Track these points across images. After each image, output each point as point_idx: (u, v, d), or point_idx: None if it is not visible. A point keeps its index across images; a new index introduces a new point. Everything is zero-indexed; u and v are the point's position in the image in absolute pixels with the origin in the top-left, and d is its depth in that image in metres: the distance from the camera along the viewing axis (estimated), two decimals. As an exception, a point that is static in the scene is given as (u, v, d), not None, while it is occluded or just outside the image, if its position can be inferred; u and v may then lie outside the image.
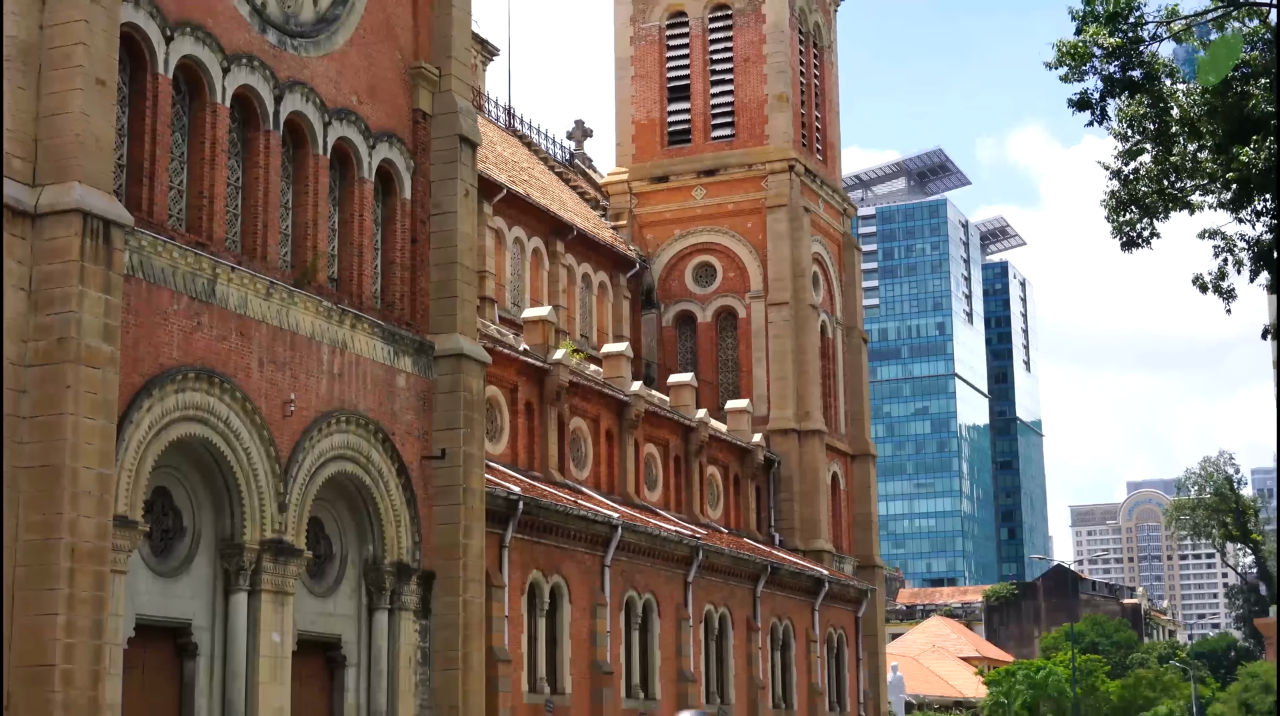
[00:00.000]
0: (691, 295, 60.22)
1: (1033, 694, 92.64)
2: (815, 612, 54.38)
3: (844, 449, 61.66)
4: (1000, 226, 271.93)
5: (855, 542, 62.01)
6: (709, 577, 47.67)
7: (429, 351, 33.77)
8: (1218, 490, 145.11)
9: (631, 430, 48.32)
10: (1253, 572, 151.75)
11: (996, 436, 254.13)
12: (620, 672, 42.80)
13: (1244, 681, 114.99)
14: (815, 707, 53.82)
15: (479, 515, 34.29)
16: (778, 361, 58.19)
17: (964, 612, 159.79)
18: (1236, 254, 36.77)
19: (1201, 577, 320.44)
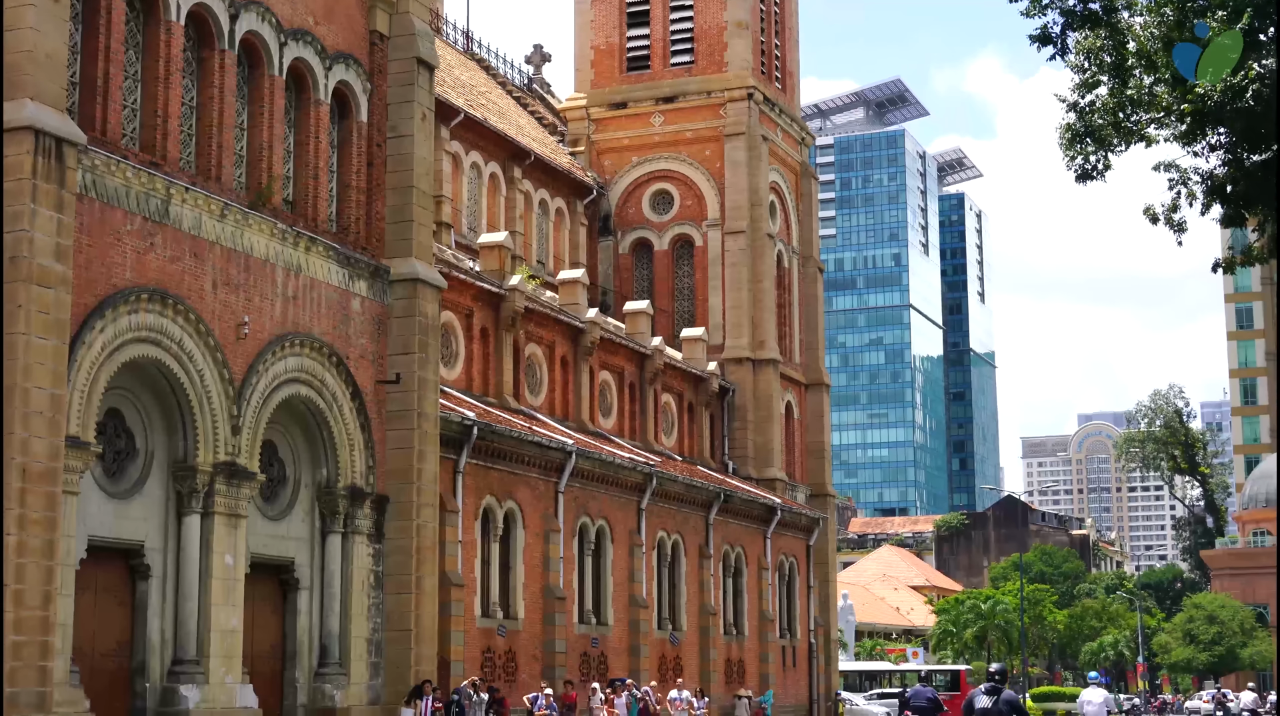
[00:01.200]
0: (649, 223, 60.11)
1: (981, 623, 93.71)
2: (767, 540, 54.73)
3: (798, 378, 61.86)
4: (957, 158, 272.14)
5: (808, 471, 62.34)
6: (662, 504, 47.89)
7: (384, 275, 33.65)
8: (1167, 423, 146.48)
9: (587, 357, 48.35)
10: (1200, 505, 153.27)
11: (950, 367, 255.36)
12: (573, 598, 43.03)
13: (1189, 612, 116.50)
14: (765, 634, 54.26)
15: (433, 440, 34.30)
16: (734, 290, 58.24)
17: (915, 542, 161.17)
18: (1190, 187, 36.98)
19: (1149, 509, 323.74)
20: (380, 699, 32.30)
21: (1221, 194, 36.44)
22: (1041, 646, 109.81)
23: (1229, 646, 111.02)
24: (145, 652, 27.61)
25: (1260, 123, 32.86)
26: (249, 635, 29.50)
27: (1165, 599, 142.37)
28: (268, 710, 29.88)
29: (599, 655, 44.08)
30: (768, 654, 54.14)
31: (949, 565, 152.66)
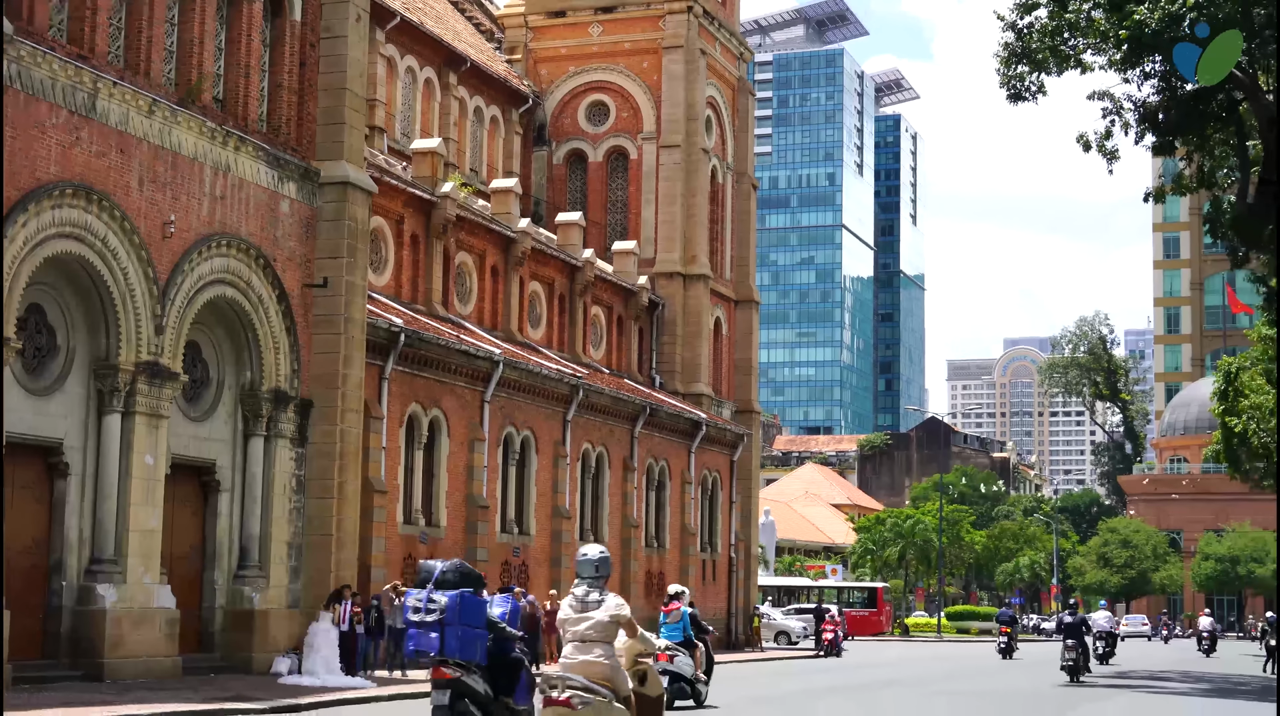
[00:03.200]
0: (584, 134, 59.77)
1: (900, 542, 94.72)
2: (691, 455, 54.99)
3: (728, 294, 61.94)
4: (895, 79, 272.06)
5: (735, 388, 62.58)
6: (588, 416, 47.96)
7: (314, 178, 33.30)
8: (1091, 350, 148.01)
9: (517, 267, 48.17)
10: (1119, 431, 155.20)
11: (879, 289, 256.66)
12: (496, 507, 43.11)
13: (1104, 536, 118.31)
14: (687, 547, 54.64)
15: (359, 345, 34.13)
16: (667, 204, 58.10)
17: (838, 461, 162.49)
18: (1124, 116, 37.22)
19: (1070, 434, 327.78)
20: (299, 602, 32.30)
21: (1154, 123, 36.76)
22: (959, 566, 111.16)
23: (1141, 570, 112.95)
24: (63, 550, 27.43)
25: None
26: (168, 536, 29.36)
27: (1081, 522, 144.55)
28: (186, 611, 29.81)
29: (520, 564, 44.27)
30: (688, 567, 54.54)
31: (871, 484, 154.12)
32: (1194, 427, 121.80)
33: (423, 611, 15.53)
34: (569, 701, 12.39)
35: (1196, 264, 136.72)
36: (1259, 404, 55.16)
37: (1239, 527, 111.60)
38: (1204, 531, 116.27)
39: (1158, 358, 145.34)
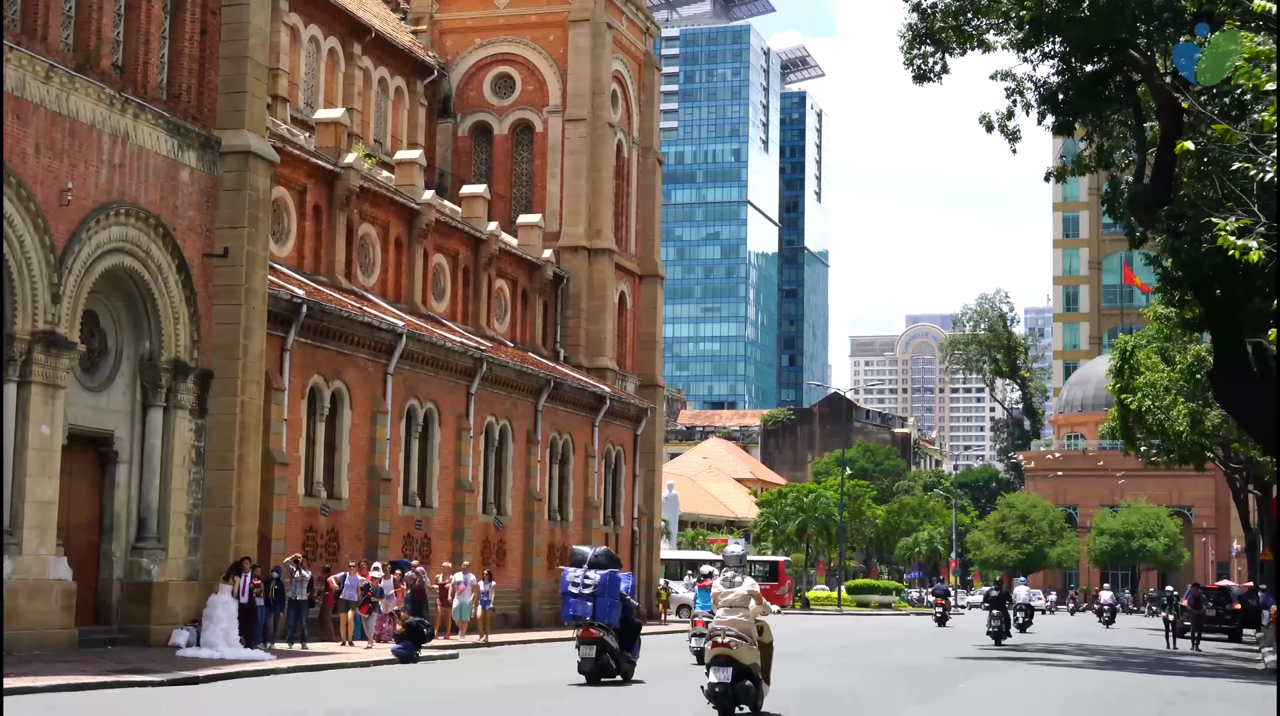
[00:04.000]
0: (489, 106, 59.53)
1: (802, 516, 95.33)
2: (595, 428, 55.07)
3: (633, 269, 62.01)
4: (801, 56, 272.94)
5: (639, 362, 62.71)
6: (492, 390, 47.89)
7: (215, 146, 32.96)
8: (991, 327, 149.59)
9: (421, 239, 47.95)
10: (1018, 408, 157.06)
11: (784, 264, 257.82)
12: (398, 480, 42.96)
13: (1002, 511, 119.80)
14: (590, 521, 54.75)
15: (261, 316, 33.86)
16: (572, 178, 58.05)
17: (742, 435, 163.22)
18: (1025, 96, 37.63)
19: (970, 411, 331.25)
20: (198, 574, 32.05)
21: (1054, 103, 37.19)
22: (859, 540, 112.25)
23: (1038, 545, 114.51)
24: (-44, 522, 27.05)
25: (1094, 34, 33.47)
26: (65, 507, 29.02)
27: (980, 498, 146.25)
28: (83, 582, 29.52)
29: (423, 537, 44.17)
30: (591, 540, 54.61)
31: (774, 459, 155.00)
32: (1091, 405, 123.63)
33: (580, 585, 23.49)
34: (729, 644, 18.78)
35: (1095, 243, 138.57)
36: (1154, 381, 56.09)
37: (1133, 503, 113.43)
38: (1099, 507, 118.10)
39: (1056, 335, 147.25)
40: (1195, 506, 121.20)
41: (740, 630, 18.91)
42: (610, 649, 23.72)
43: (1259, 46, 14.97)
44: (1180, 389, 54.92)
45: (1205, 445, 58.39)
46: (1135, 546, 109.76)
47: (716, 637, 18.85)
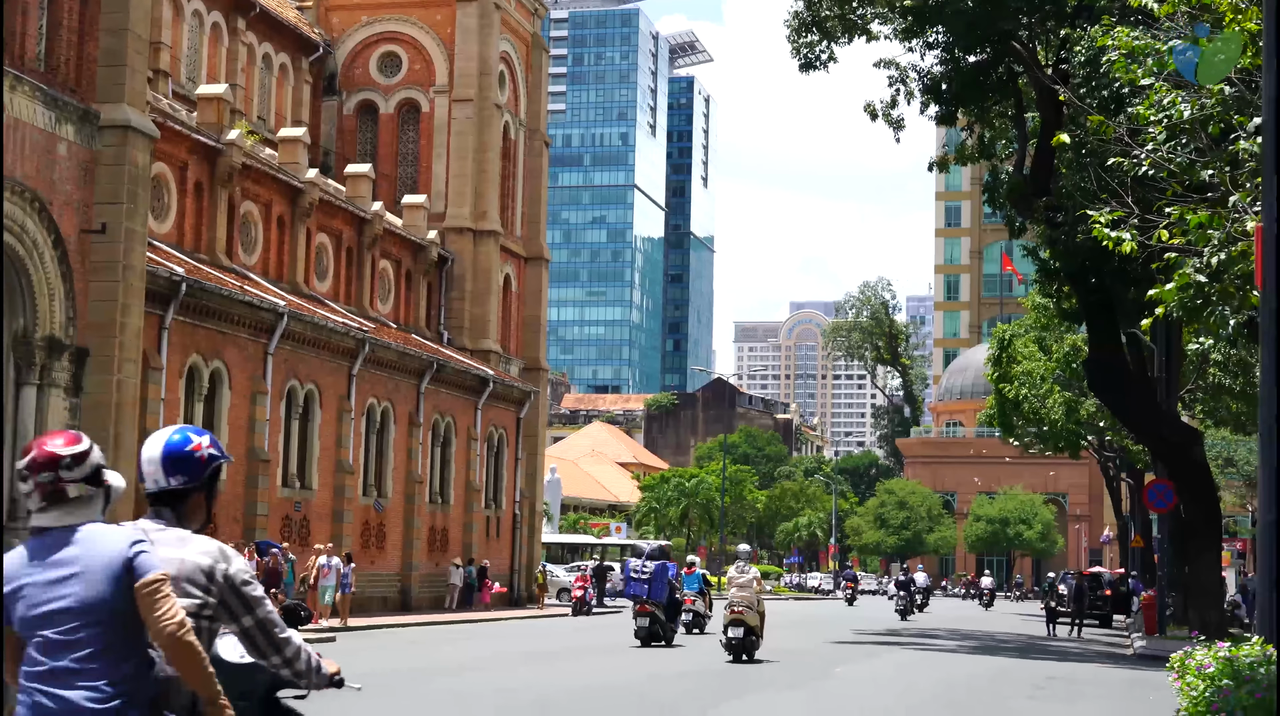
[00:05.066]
0: (375, 85, 59.07)
1: (684, 501, 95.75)
2: (478, 411, 54.92)
3: (518, 251, 61.86)
4: (689, 41, 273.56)
5: (523, 345, 62.60)
6: (374, 371, 47.60)
7: (94, 120, 32.43)
8: (874, 314, 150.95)
9: (304, 218, 47.51)
10: (898, 395, 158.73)
11: (669, 249, 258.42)
12: (277, 461, 42.60)
13: (881, 497, 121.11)
14: (471, 503, 54.61)
15: (138, 294, 33.40)
16: (458, 159, 57.76)
17: (625, 420, 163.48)
18: (908, 85, 38.01)
19: (852, 397, 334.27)
20: (72, 555, 31.53)
21: (937, 93, 37.60)
22: (741, 525, 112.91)
23: (916, 531, 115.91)
24: None
25: (976, 24, 33.88)
26: (-66, 485, 28.49)
27: (860, 483, 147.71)
28: (-48, 563, 28.95)
29: (302, 518, 43.84)
30: (472, 523, 54.53)
31: (657, 443, 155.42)
32: (969, 392, 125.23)
33: (640, 573, 31.83)
34: (741, 612, 27.49)
35: (976, 233, 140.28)
36: (1031, 370, 56.94)
37: (1010, 491, 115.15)
38: (977, 493, 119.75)
39: (937, 323, 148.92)
40: (1069, 493, 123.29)
41: (748, 602, 27.60)
42: (660, 621, 32.08)
43: (1135, 42, 15.23)
44: (1056, 378, 55.83)
45: (1080, 433, 59.39)
46: (1011, 533, 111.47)
47: (734, 606, 27.55)
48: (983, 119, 41.09)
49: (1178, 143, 14.86)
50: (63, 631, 5.03)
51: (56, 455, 5.22)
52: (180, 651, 5.01)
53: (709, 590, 39.04)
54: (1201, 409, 55.06)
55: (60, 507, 5.27)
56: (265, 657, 5.47)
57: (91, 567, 5.11)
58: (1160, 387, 41.37)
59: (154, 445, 5.55)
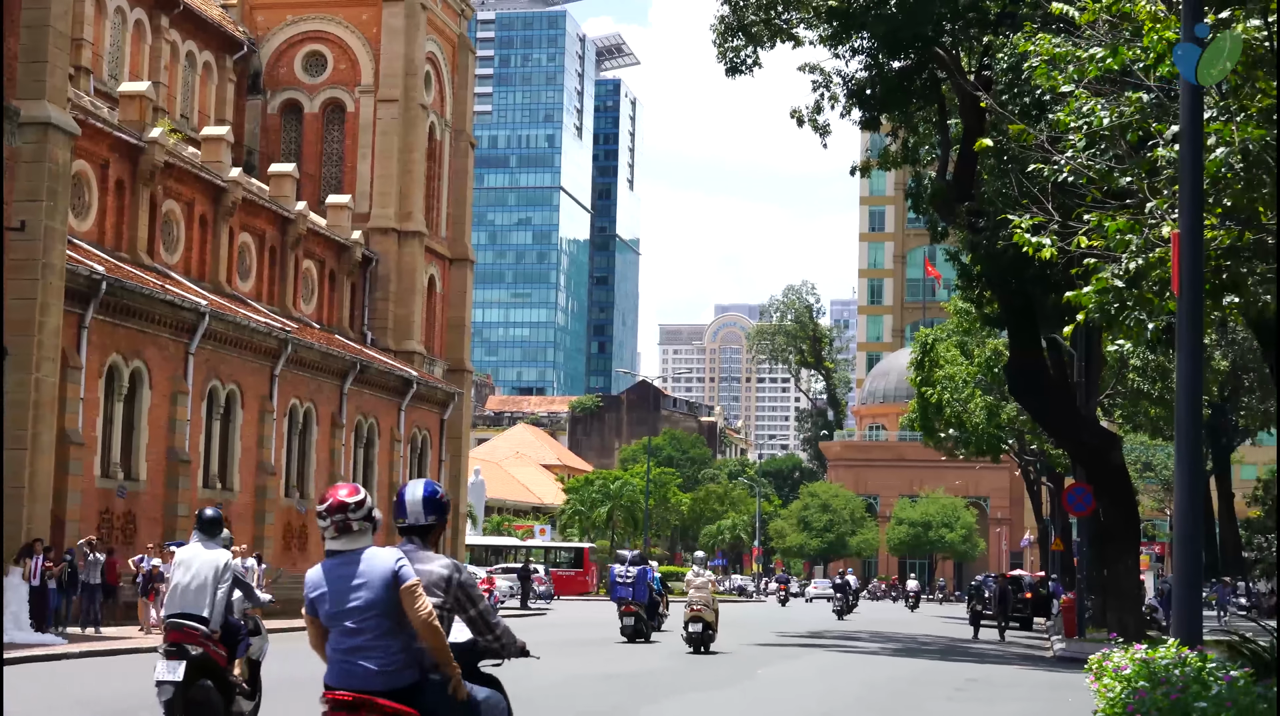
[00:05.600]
0: (300, 84, 58.73)
1: (608, 503, 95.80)
2: (401, 412, 54.70)
3: (443, 252, 61.68)
4: (616, 43, 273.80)
5: (447, 346, 62.42)
6: (297, 371, 47.31)
7: (14, 117, 32.06)
8: (798, 318, 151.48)
9: (227, 217, 47.16)
10: (822, 398, 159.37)
11: (595, 251, 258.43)
12: (198, 462, 42.26)
13: (804, 499, 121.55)
14: (395, 505, 54.32)
15: (58, 292, 33.07)
16: (383, 159, 57.53)
17: (550, 422, 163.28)
18: (833, 89, 38.20)
19: (775, 400, 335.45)
20: (-12, 557, 31.19)
21: (861, 98, 37.81)
22: (665, 527, 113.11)
23: (839, 533, 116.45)
24: None
25: (900, 29, 34.11)
26: None
27: (784, 486, 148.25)
28: None
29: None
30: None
31: (582, 446, 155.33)
32: (892, 396, 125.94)
33: (624, 577, 34.85)
34: (700, 610, 31.30)
35: (900, 237, 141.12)
36: (953, 374, 57.38)
37: (931, 494, 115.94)
38: (899, 497, 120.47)
39: (860, 327, 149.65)
40: (991, 497, 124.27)
41: (705, 602, 31.67)
42: (642, 619, 34.94)
43: (1056, 49, 15.39)
44: (978, 382, 56.31)
45: (1001, 437, 59.92)
46: (933, 536, 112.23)
47: (693, 605, 31.60)
48: (907, 124, 41.36)
49: (1097, 149, 15.03)
50: (355, 622, 7.61)
51: (345, 502, 7.85)
52: (429, 633, 7.57)
53: (666, 591, 41.41)
54: (1121, 414, 55.76)
55: (346, 537, 7.86)
56: (482, 636, 8.11)
57: (372, 578, 7.65)
58: (1080, 392, 41.82)
59: (415, 491, 8.25)
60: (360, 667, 7.55)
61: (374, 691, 7.50)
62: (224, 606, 13.47)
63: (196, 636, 13.26)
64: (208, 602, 13.32)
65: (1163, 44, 13.61)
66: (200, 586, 13.35)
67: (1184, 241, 12.97)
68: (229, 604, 13.55)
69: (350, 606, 7.63)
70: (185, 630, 13.27)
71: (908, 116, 40.09)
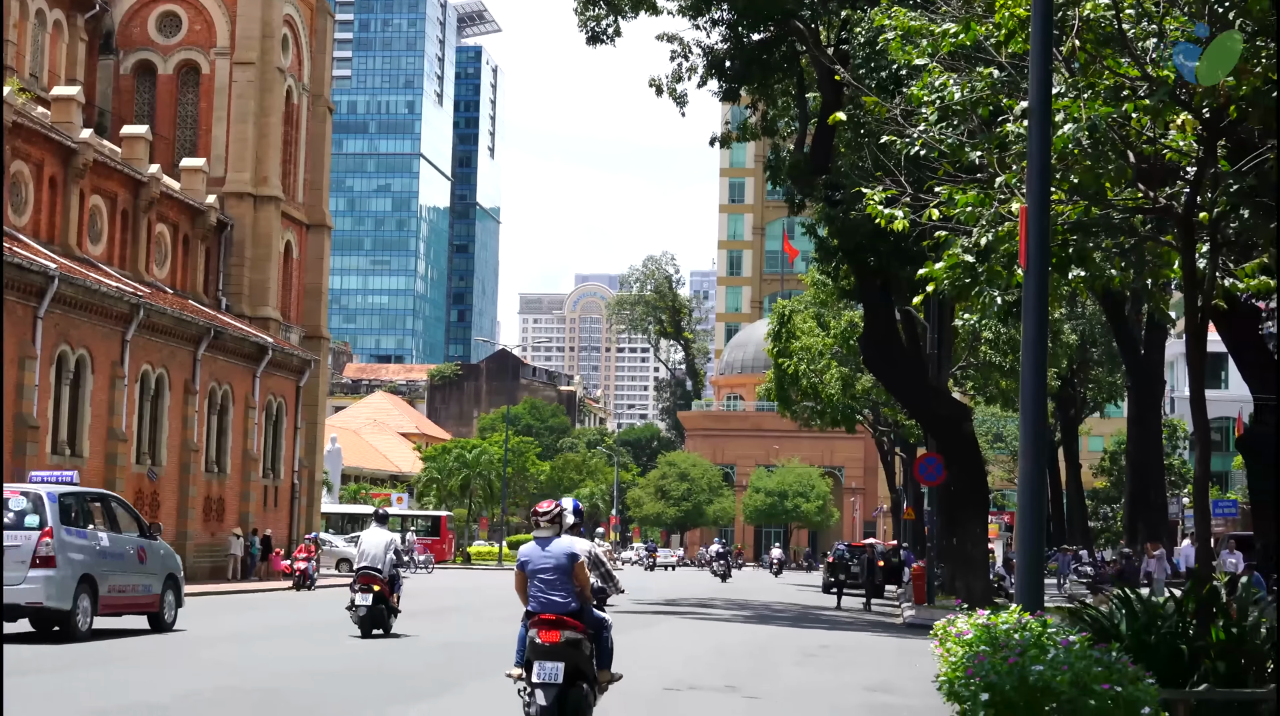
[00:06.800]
0: (154, 45, 57.68)
1: (465, 471, 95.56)
2: (256, 379, 54.09)
3: (300, 218, 61.00)
4: (478, 10, 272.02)
5: (304, 313, 61.80)
6: (149, 337, 46.59)
7: None
8: (657, 288, 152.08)
9: (78, 179, 46.25)
10: (681, 369, 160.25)
11: (455, 219, 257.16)
12: (46, 428, 41.49)
13: (662, 468, 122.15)
14: (249, 473, 53.82)
15: (-100, 253, 32.20)
16: (239, 123, 56.73)
17: (409, 390, 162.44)
18: (691, 60, 38.35)
19: (635, 370, 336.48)
20: None
21: (721, 69, 38.00)
22: (522, 496, 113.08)
23: (696, 502, 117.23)
24: None
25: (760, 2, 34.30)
26: None
27: (642, 456, 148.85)
28: None
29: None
30: (249, 492, 53.76)
31: (440, 414, 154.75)
32: (750, 367, 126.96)
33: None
34: None
35: (759, 209, 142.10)
36: (809, 346, 57.95)
37: (788, 463, 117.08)
38: (756, 466, 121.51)
39: (719, 298, 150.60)
40: (846, 467, 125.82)
41: None
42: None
43: (912, 23, 15.58)
44: (834, 354, 56.90)
45: (856, 408, 60.64)
46: (789, 505, 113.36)
47: None
48: (766, 97, 41.62)
49: (949, 124, 15.24)
50: (546, 576, 12.85)
51: (539, 511, 13.06)
52: (585, 585, 13.02)
53: None
54: (973, 386, 56.65)
55: (539, 530, 13.00)
56: (607, 584, 14.52)
57: (558, 554, 12.87)
58: (933, 364, 42.47)
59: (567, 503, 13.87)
60: (550, 601, 12.89)
61: (559, 612, 12.88)
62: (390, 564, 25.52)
63: (376, 579, 25.25)
64: (383, 562, 25.41)
65: (1014, 21, 13.85)
66: (376, 553, 25.48)
67: (1031, 216, 13.22)
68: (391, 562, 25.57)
69: (544, 567, 12.94)
70: (371, 575, 25.20)
71: (766, 89, 40.36)
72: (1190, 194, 14.49)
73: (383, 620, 25.32)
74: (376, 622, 25.17)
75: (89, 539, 23.53)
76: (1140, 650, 13.23)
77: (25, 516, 22.54)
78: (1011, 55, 14.65)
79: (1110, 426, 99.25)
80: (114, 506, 25.42)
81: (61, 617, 22.72)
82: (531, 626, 13.01)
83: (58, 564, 22.42)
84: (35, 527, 22.37)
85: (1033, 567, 13.23)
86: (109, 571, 23.89)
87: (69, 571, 22.62)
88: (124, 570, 24.42)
